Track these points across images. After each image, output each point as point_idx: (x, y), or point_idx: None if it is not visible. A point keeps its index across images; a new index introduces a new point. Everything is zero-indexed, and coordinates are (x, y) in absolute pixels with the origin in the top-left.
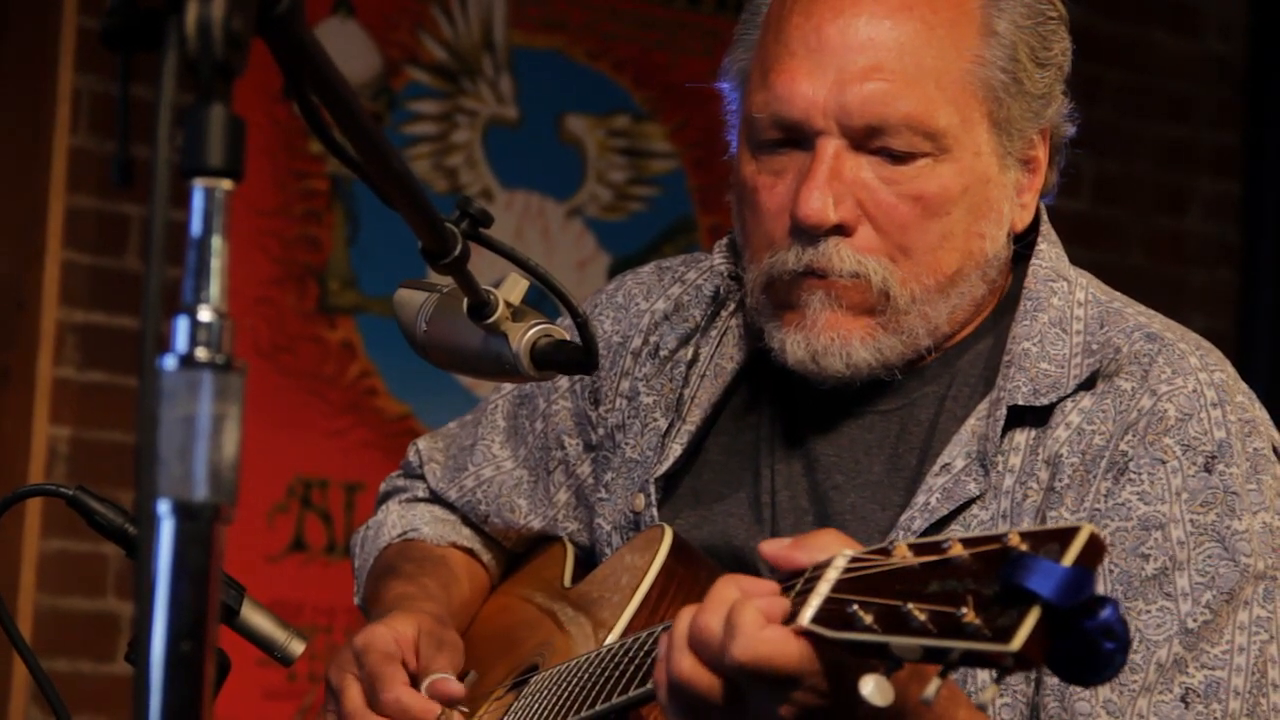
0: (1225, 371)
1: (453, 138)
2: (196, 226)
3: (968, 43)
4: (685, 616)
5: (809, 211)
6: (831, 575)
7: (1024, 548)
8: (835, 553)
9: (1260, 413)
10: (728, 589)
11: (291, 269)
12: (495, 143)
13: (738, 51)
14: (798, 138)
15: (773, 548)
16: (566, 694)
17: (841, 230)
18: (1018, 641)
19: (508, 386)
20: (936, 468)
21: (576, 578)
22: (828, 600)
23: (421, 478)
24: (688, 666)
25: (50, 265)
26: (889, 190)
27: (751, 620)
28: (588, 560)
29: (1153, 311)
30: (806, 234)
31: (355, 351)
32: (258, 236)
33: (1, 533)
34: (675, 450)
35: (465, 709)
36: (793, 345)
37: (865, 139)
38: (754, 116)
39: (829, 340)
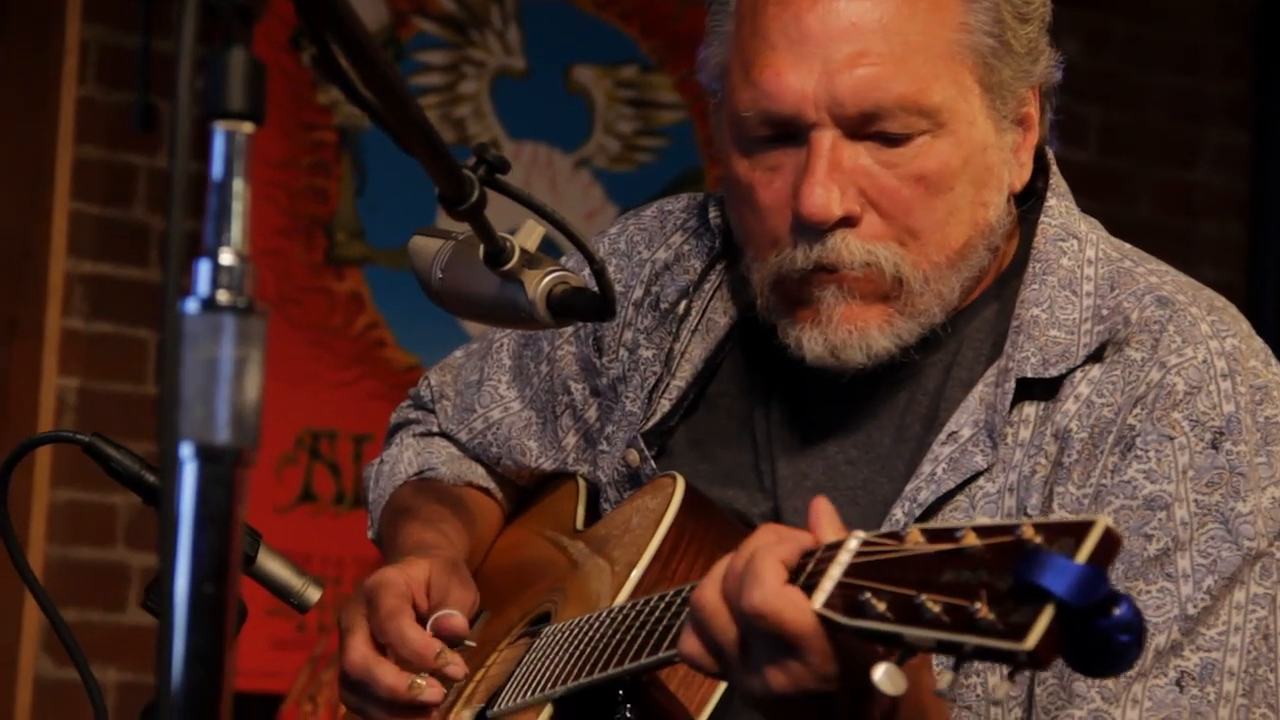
0: (1238, 335)
1: (460, 89)
2: (218, 169)
3: (951, 11)
4: (725, 559)
5: (813, 208)
6: (844, 559)
7: (1038, 540)
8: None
9: (1274, 374)
10: (765, 535)
11: (299, 220)
12: (503, 94)
13: (713, 45)
14: (790, 132)
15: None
16: (581, 652)
17: (847, 221)
18: (1031, 640)
19: None
20: (943, 436)
21: (589, 518)
22: (840, 585)
23: (434, 412)
24: (709, 597)
25: (58, 216)
26: (890, 174)
27: (770, 570)
28: (600, 498)
29: (1165, 268)
30: (812, 230)
31: (363, 303)
32: (265, 187)
33: (11, 483)
34: (664, 406)
35: (472, 642)
36: (810, 342)
37: (860, 126)
38: (741, 115)
39: (846, 334)
